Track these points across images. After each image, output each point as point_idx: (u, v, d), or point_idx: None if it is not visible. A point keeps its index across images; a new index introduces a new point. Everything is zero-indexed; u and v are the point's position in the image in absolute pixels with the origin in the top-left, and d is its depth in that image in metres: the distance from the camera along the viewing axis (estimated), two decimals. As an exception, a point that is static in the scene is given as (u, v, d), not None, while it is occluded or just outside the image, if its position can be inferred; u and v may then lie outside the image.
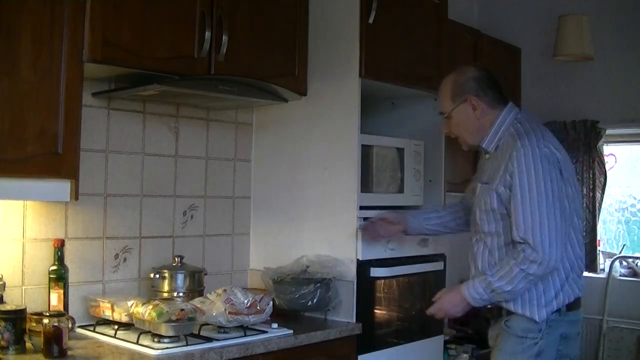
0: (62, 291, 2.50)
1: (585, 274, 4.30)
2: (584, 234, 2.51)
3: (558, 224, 2.32)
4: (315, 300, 2.79)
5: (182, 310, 2.33)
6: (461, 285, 2.48)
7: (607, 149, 4.53)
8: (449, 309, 2.52)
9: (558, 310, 2.40)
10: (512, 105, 2.55)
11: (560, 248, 2.33)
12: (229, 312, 2.46)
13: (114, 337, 2.43)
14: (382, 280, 3.04)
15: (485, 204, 2.45)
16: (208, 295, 2.56)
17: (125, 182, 2.85)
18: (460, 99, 2.52)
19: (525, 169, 2.33)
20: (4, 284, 2.37)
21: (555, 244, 2.31)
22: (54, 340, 2.14)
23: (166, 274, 2.76)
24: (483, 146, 2.53)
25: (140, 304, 2.39)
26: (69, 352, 2.20)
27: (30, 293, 2.54)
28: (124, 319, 2.48)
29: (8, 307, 2.23)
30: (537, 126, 2.48)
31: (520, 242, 2.34)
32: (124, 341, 2.38)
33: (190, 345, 2.32)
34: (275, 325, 2.63)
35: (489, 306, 2.49)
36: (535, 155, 2.34)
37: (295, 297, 2.79)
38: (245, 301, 2.51)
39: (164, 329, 2.31)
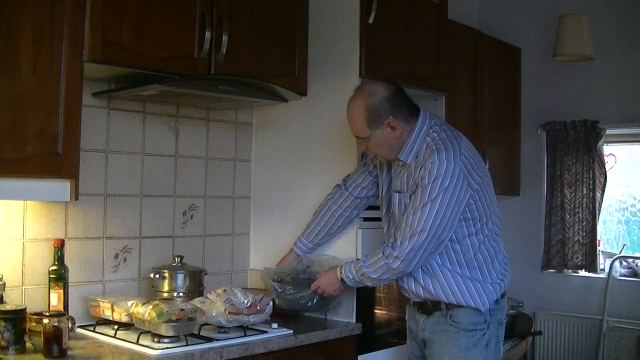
0: (62, 291, 2.49)
1: (585, 274, 4.39)
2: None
3: (439, 237, 2.37)
4: (315, 301, 2.78)
5: (182, 310, 2.33)
6: (339, 265, 2.61)
7: (607, 149, 4.52)
8: (326, 287, 2.66)
9: (496, 300, 2.50)
10: (425, 113, 2.52)
11: (426, 257, 2.40)
12: (229, 312, 2.46)
13: (114, 337, 2.43)
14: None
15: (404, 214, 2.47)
16: (208, 295, 2.56)
17: (125, 182, 2.85)
18: (377, 123, 2.46)
19: (434, 179, 2.35)
20: (4, 284, 2.37)
21: (422, 252, 2.38)
22: (54, 340, 2.14)
23: (166, 274, 2.76)
24: (401, 159, 2.49)
25: (140, 304, 2.39)
26: (69, 352, 2.20)
27: (30, 293, 2.54)
28: (124, 319, 2.48)
29: (8, 307, 2.23)
30: (452, 134, 2.48)
31: (397, 239, 2.41)
32: (124, 341, 2.38)
33: (190, 345, 2.32)
34: (275, 325, 2.63)
35: (428, 300, 2.52)
36: (449, 170, 2.36)
37: (295, 297, 2.79)
38: (245, 301, 2.51)
39: (164, 329, 2.31)
